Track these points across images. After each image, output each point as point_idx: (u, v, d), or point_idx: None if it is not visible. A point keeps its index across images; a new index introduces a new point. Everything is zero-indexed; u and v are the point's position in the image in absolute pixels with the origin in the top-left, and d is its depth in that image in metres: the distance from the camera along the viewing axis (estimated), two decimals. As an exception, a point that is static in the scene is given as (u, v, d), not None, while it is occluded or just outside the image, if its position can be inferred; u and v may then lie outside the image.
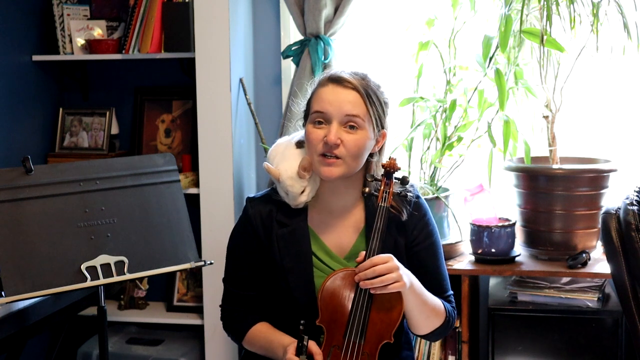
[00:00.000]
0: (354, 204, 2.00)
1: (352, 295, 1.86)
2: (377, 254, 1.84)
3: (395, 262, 1.83)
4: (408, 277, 1.85)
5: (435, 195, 2.74)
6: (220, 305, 2.09)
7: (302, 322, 1.85)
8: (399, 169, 1.91)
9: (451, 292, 2.04)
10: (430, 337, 2.00)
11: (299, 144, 1.99)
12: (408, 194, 1.98)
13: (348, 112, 1.86)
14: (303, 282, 1.94)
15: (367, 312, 1.85)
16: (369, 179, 1.95)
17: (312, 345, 1.85)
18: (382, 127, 1.94)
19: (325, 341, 1.88)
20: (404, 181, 1.92)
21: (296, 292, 1.94)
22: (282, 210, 1.98)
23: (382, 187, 1.90)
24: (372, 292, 1.82)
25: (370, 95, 1.88)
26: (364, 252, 1.86)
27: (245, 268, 2.01)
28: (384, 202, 1.88)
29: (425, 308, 1.92)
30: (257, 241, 1.99)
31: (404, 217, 1.95)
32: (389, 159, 1.92)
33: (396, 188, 1.92)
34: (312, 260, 1.96)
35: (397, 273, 1.80)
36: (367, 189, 1.91)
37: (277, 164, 1.98)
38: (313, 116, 1.90)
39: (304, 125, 1.97)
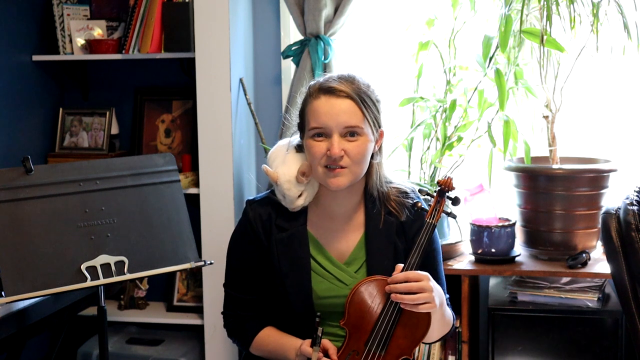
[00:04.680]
0: (354, 209, 1.99)
1: (381, 305, 1.84)
2: (415, 270, 1.82)
3: (431, 283, 1.80)
4: (439, 296, 1.84)
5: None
6: (222, 312, 2.07)
7: (317, 313, 1.86)
8: (454, 189, 1.89)
9: (447, 295, 2.04)
10: (434, 342, 2.00)
11: (299, 148, 1.98)
12: (409, 200, 1.98)
13: (347, 124, 1.85)
14: (300, 287, 1.93)
15: (394, 325, 1.84)
16: (422, 194, 1.95)
17: (326, 342, 1.85)
18: (379, 127, 1.93)
19: (346, 344, 1.87)
20: (455, 201, 1.89)
21: (293, 297, 1.94)
22: (282, 214, 1.97)
23: (433, 204, 1.88)
24: (402, 307, 1.81)
25: (364, 100, 1.86)
26: (401, 266, 1.84)
27: (248, 271, 2.00)
28: (432, 219, 1.87)
29: (443, 322, 1.93)
30: (258, 244, 1.98)
31: (403, 217, 1.96)
32: (447, 177, 1.90)
33: (445, 207, 1.90)
34: (310, 266, 1.95)
35: (430, 294, 1.78)
36: (419, 204, 1.91)
37: (276, 167, 1.97)
38: (312, 131, 1.87)
39: (301, 136, 1.96)
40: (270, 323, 2.01)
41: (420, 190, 1.99)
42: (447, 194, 1.90)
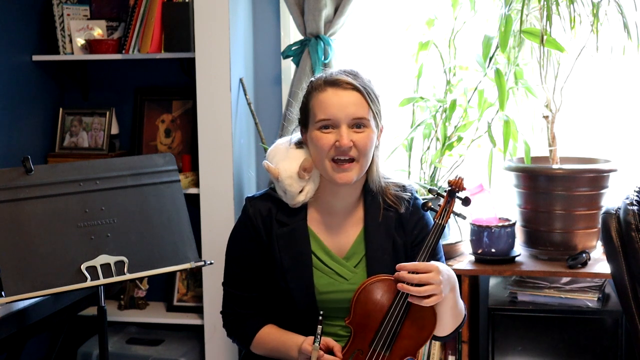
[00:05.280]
0: (354, 204, 2.00)
1: (387, 305, 1.84)
2: None
3: (441, 275, 1.80)
4: (450, 283, 1.84)
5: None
6: (221, 312, 2.07)
7: (321, 312, 1.85)
8: (464, 189, 1.89)
9: None
10: (448, 337, 1.99)
11: (299, 144, 1.99)
12: (407, 194, 1.98)
13: (355, 115, 1.86)
14: (302, 282, 1.94)
15: (400, 325, 1.84)
16: (433, 194, 1.96)
17: (330, 341, 1.85)
18: (381, 121, 1.95)
19: (351, 343, 1.87)
20: (466, 202, 1.89)
21: (295, 292, 1.94)
22: (282, 209, 1.98)
23: (442, 205, 1.88)
24: (409, 300, 1.81)
25: (369, 93, 1.89)
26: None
27: (248, 268, 2.00)
28: (442, 219, 1.87)
29: (455, 310, 1.93)
30: (258, 241, 1.98)
31: (402, 209, 1.96)
32: (457, 178, 1.90)
33: (455, 208, 1.90)
34: (311, 261, 1.95)
35: (437, 287, 1.78)
36: (429, 203, 1.92)
37: (276, 163, 1.98)
38: (319, 123, 1.88)
39: (303, 131, 1.96)
40: (270, 321, 2.01)
41: (430, 190, 2.00)
42: (457, 194, 1.89)
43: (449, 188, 1.90)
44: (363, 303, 1.86)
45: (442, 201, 1.90)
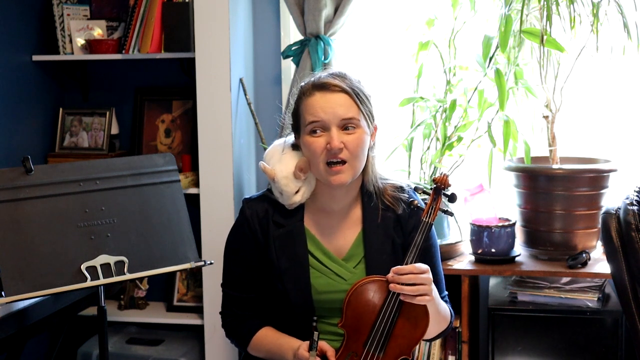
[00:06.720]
0: (351, 205, 1.99)
1: (379, 305, 1.84)
2: None
3: (431, 275, 1.83)
4: (434, 289, 1.86)
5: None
6: (220, 312, 2.07)
7: (314, 318, 1.85)
8: (450, 186, 1.89)
9: (446, 292, 2.04)
10: (433, 340, 1.99)
11: (295, 146, 1.99)
12: (405, 195, 1.99)
13: (344, 116, 1.86)
14: (299, 283, 1.94)
15: (392, 325, 1.84)
16: (418, 192, 1.96)
17: (324, 345, 1.85)
18: (373, 120, 1.94)
19: (344, 346, 1.86)
20: (452, 199, 1.88)
21: (291, 294, 1.94)
22: (279, 210, 1.98)
23: (429, 202, 1.88)
24: (401, 298, 1.81)
25: (357, 94, 1.89)
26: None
27: (246, 270, 2.00)
28: (429, 217, 1.86)
29: (438, 316, 1.93)
30: (255, 242, 1.98)
31: (399, 210, 1.96)
32: (442, 175, 1.89)
33: (442, 205, 1.90)
34: (308, 262, 1.95)
35: (429, 287, 1.80)
36: (415, 202, 1.92)
37: (273, 164, 1.98)
38: (309, 127, 1.88)
39: (296, 136, 1.96)
40: (268, 323, 2.01)
41: (416, 188, 2.00)
42: (443, 191, 1.89)
43: (435, 185, 1.89)
44: (354, 305, 1.85)
45: (428, 199, 1.90)
